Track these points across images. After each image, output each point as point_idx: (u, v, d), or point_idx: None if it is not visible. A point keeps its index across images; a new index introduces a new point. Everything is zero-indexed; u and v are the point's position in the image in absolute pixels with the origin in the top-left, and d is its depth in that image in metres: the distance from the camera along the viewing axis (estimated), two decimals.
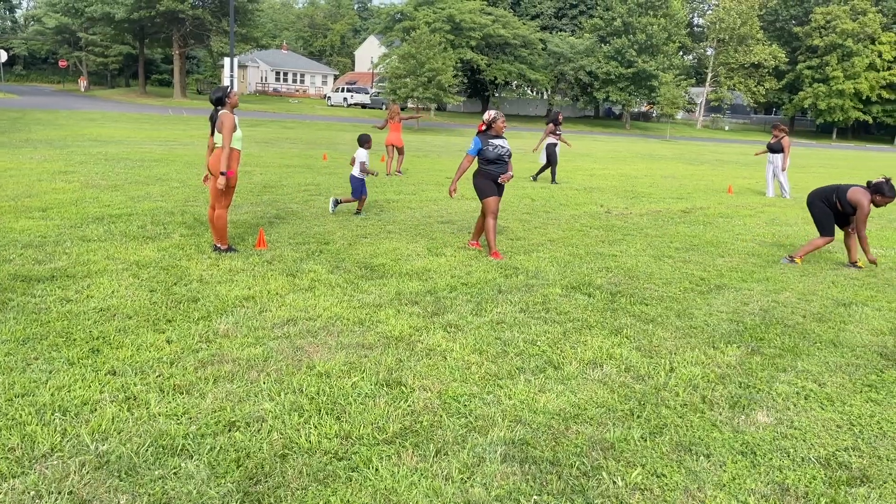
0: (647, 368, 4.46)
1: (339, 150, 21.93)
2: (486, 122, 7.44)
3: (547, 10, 65.38)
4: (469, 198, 12.14)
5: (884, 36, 61.88)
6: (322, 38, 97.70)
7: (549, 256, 7.64)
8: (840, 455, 3.43)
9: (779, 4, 69.09)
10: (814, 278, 7.31)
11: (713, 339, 5.10)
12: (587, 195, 13.53)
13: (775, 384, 4.28)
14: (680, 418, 3.76)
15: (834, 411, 3.94)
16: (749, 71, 66.74)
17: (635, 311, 5.71)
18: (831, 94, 62.44)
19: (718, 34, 65.57)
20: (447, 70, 41.67)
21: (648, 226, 10.19)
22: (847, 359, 4.82)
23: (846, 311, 6.07)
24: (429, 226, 9.15)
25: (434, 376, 4.14)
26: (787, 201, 14.43)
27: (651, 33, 55.63)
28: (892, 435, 3.67)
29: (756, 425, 3.72)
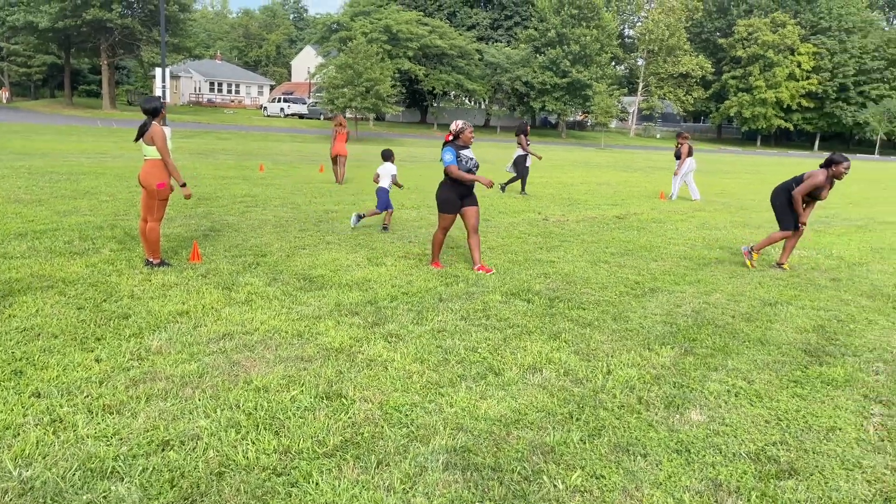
0: (586, 372, 4.53)
1: (276, 160, 21.64)
2: (453, 132, 7.11)
3: (483, 21, 66.13)
4: (409, 207, 12.14)
5: (802, 47, 64.83)
6: (257, 48, 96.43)
7: (489, 264, 7.69)
8: (769, 449, 3.55)
9: (704, 17, 71.64)
10: (742, 279, 7.57)
11: (648, 340, 5.22)
12: (525, 203, 13.70)
13: (707, 383, 4.41)
14: (617, 420, 3.83)
15: (762, 407, 4.08)
16: (678, 81, 68.92)
17: (573, 316, 5.80)
18: (755, 102, 65.00)
19: (648, 45, 67.54)
20: (385, 80, 41.65)
21: (585, 232, 10.38)
22: (774, 356, 5.00)
23: (772, 310, 6.31)
24: (369, 236, 9.10)
25: (375, 387, 4.11)
26: (694, 203, 14.97)
27: (584, 44, 56.87)
28: (817, 428, 3.83)
29: (690, 424, 3.82)
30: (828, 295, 7.01)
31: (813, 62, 65.39)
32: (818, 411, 4.05)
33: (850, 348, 5.26)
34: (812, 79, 65.40)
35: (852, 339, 5.49)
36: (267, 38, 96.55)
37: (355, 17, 54.74)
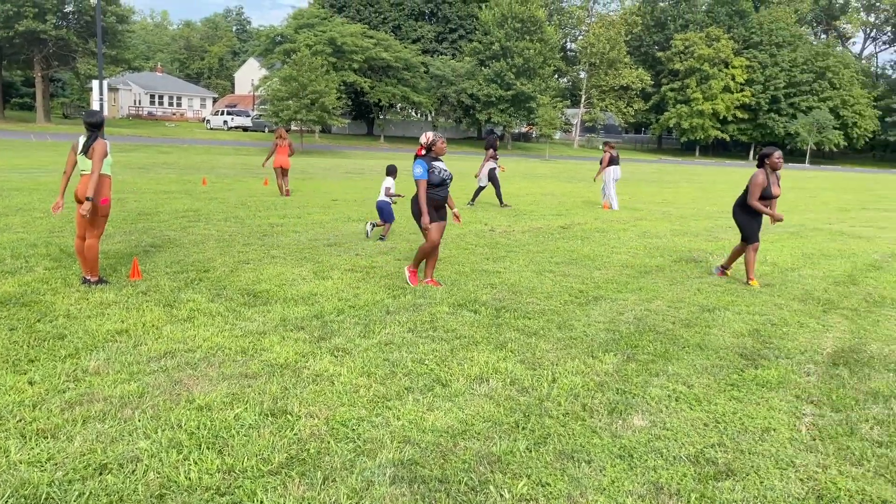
0: (531, 380, 4.58)
1: (219, 174, 21.30)
2: (425, 144, 6.91)
3: (428, 35, 66.48)
4: (356, 219, 12.10)
5: (735, 60, 67.10)
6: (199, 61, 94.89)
7: (436, 275, 7.72)
8: (707, 451, 3.65)
9: (643, 31, 73.54)
10: (682, 286, 7.77)
11: (592, 348, 5.32)
12: (472, 214, 13.79)
13: (649, 388, 4.52)
14: (562, 427, 3.89)
15: (701, 410, 4.19)
16: (619, 93, 70.49)
17: (519, 326, 5.86)
18: (693, 114, 66.92)
19: (590, 58, 68.95)
20: (330, 92, 41.49)
21: (530, 242, 10.51)
22: (712, 360, 5.15)
23: (710, 315, 6.50)
24: (315, 249, 9.04)
25: (321, 402, 4.08)
26: (575, 208, 15.54)
27: (528, 57, 57.71)
28: (753, 429, 3.95)
29: (632, 429, 3.90)
30: (762, 300, 7.26)
31: (746, 75, 67.71)
32: (754, 413, 4.18)
33: (783, 351, 5.46)
34: (746, 91, 67.72)
35: (785, 342, 5.70)
36: (209, 50, 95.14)
37: (299, 30, 54.37)
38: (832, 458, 3.63)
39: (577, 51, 74.73)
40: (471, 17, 65.57)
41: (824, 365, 5.17)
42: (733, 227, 13.54)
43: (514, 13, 58.41)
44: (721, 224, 13.97)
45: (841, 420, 4.13)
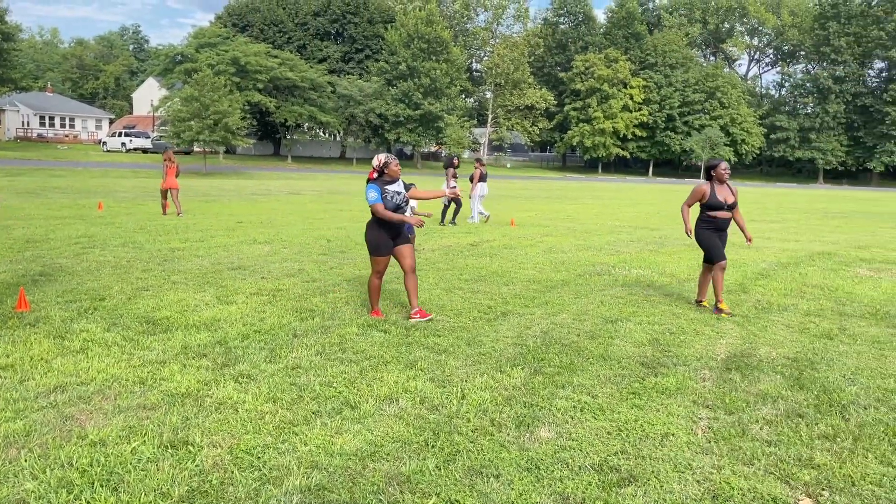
0: (441, 398, 4.59)
1: (116, 198, 20.43)
2: (377, 167, 6.54)
3: (334, 55, 66.31)
4: (261, 241, 11.85)
5: (633, 81, 70.18)
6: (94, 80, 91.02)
7: (346, 296, 7.65)
8: (611, 459, 3.76)
9: (545, 52, 75.89)
10: (586, 299, 8.00)
11: (500, 363, 5.39)
12: None
13: (555, 400, 4.61)
14: (471, 443, 3.91)
15: (605, 420, 4.32)
16: (524, 112, 72.35)
17: (429, 344, 5.88)
18: (595, 132, 69.42)
19: (495, 79, 70.51)
20: (234, 112, 40.65)
21: (440, 260, 10.57)
22: (615, 370, 5.32)
23: (613, 327, 6.71)
24: (218, 273, 8.78)
25: (225, 431, 3.95)
26: (483, 225, 16.06)
27: (435, 77, 58.47)
28: (654, 436, 4.10)
29: (540, 441, 3.97)
30: (661, 310, 7.56)
31: (643, 95, 70.87)
32: (654, 419, 4.34)
33: (680, 358, 5.69)
34: (643, 110, 70.83)
35: (682, 350, 5.95)
36: (104, 69, 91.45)
37: (200, 49, 53.13)
38: (726, 459, 3.81)
39: (482, 71, 76.31)
40: (377, 37, 65.91)
41: (718, 370, 5.43)
42: (635, 240, 14.07)
43: (419, 34, 59.14)
44: (623, 238, 14.49)
45: (734, 422, 4.34)
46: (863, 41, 69.64)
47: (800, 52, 79.58)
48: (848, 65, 70.03)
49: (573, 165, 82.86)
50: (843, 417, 4.48)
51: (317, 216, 17.27)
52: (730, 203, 7.56)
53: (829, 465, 3.77)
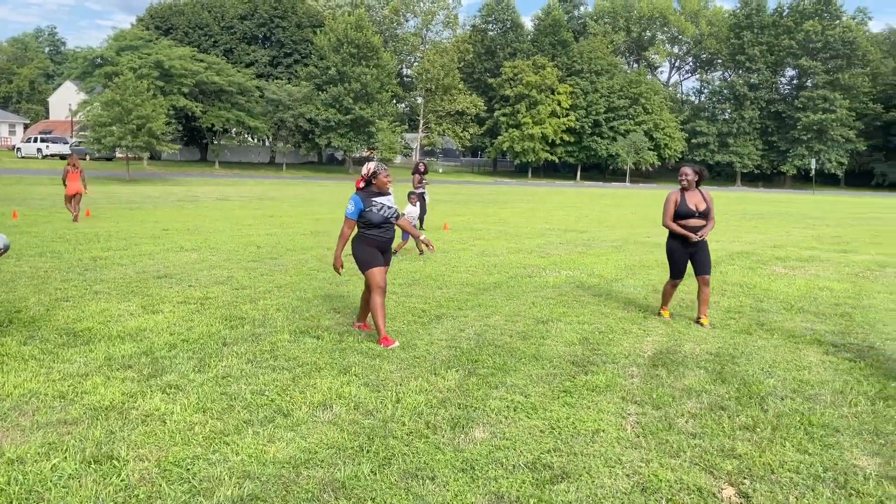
0: (376, 403, 4.58)
1: (32, 206, 19.53)
2: (365, 176, 6.07)
3: (262, 59, 65.20)
4: (188, 249, 11.54)
5: (560, 87, 71.52)
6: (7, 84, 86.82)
7: (277, 303, 7.54)
8: (544, 457, 3.82)
9: (475, 58, 76.54)
10: (518, 301, 8.11)
11: (435, 366, 5.41)
12: (314, 239, 13.61)
13: (489, 401, 4.66)
14: (406, 446, 3.91)
15: (538, 418, 4.39)
16: (455, 118, 72.79)
17: (363, 349, 5.85)
18: (524, 137, 70.39)
19: (426, 84, 70.75)
20: (158, 117, 39.49)
21: None
22: (547, 370, 5.41)
23: (545, 327, 6.83)
24: (143, 282, 8.51)
25: (152, 443, 3.84)
26: (475, 231, 15.96)
27: (365, 82, 58.22)
28: (585, 432, 4.19)
29: (474, 442, 4.01)
30: (591, 310, 7.74)
31: (570, 101, 72.30)
32: (585, 416, 4.44)
33: (609, 356, 5.84)
34: (571, 116, 72.24)
35: (611, 348, 6.10)
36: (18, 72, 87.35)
37: (122, 52, 51.37)
38: (654, 453, 3.93)
39: (413, 77, 76.46)
40: (306, 41, 65.18)
41: (645, 367, 5.59)
42: (564, 242, 14.35)
43: (349, 38, 58.81)
44: (553, 241, 14.75)
45: (661, 416, 4.48)
46: (775, 50, 72.95)
47: (717, 60, 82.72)
48: (762, 73, 73.20)
49: (504, 170, 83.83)
50: (762, 409, 4.68)
51: (246, 222, 16.93)
52: (701, 210, 7.11)
53: (750, 454, 3.94)
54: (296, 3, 67.45)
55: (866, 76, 70.51)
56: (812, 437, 4.19)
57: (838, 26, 70.33)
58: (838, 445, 4.08)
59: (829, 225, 21.73)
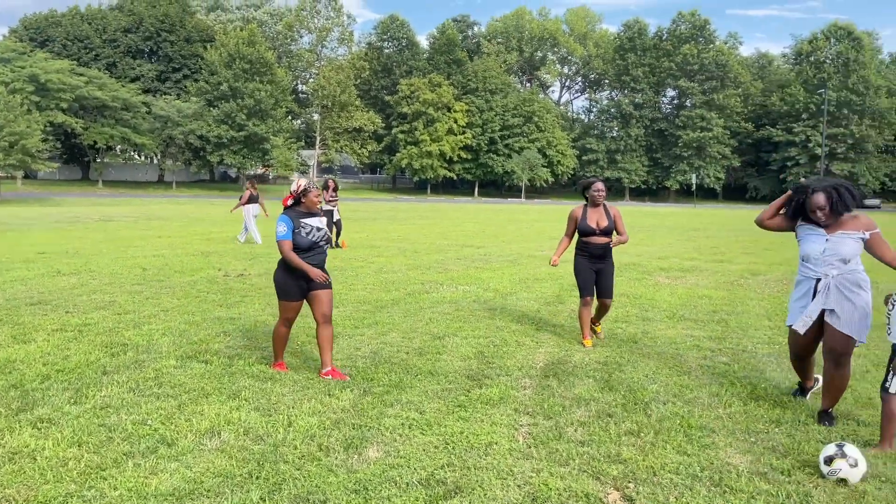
0: (266, 427, 4.45)
1: None
2: (294, 193, 5.53)
3: (148, 73, 62.82)
4: (67, 273, 10.89)
5: (456, 105, 72.72)
6: None
7: (163, 328, 7.22)
8: (438, 473, 3.83)
9: (371, 75, 76.72)
10: (415, 318, 8.13)
11: (329, 386, 5.32)
12: (204, 259, 13.16)
13: (384, 419, 4.63)
14: (298, 470, 3.82)
15: (432, 434, 4.39)
16: (353, 135, 72.58)
17: (254, 372, 5.68)
18: (422, 154, 71.01)
19: (322, 101, 70.22)
20: (34, 134, 37.22)
21: (267, 285, 10.28)
22: (442, 385, 5.44)
23: (441, 342, 6.87)
24: (14, 309, 7.95)
25: (20, 482, 3.57)
26: (374, 248, 15.96)
27: (259, 98, 57.15)
28: (478, 445, 4.23)
29: (368, 461, 3.96)
30: (486, 324, 7.85)
31: (467, 118, 73.61)
32: (478, 430, 4.48)
33: (503, 369, 5.94)
34: (467, 133, 73.53)
35: (505, 361, 6.21)
36: None
37: None
38: (544, 462, 4.02)
39: (308, 93, 75.68)
40: (195, 56, 63.36)
41: (538, 378, 5.72)
42: (462, 258, 14.52)
43: (241, 54, 57.64)
44: (450, 256, 14.90)
45: (551, 426, 4.59)
46: (656, 71, 77.03)
47: (604, 80, 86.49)
48: (645, 93, 77.07)
49: (403, 187, 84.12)
50: (646, 414, 4.88)
51: (131, 243, 16.16)
52: (602, 227, 6.77)
53: (634, 458, 4.09)
54: (184, 17, 65.55)
55: (738, 97, 75.54)
56: (691, 439, 4.40)
57: (712, 50, 75.09)
58: (714, 445, 4.31)
59: (708, 236, 23.04)
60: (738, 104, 75.00)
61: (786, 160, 72.02)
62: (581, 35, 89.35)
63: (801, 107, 71.17)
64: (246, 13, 77.25)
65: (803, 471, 3.96)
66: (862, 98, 69.61)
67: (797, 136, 70.51)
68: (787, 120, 72.18)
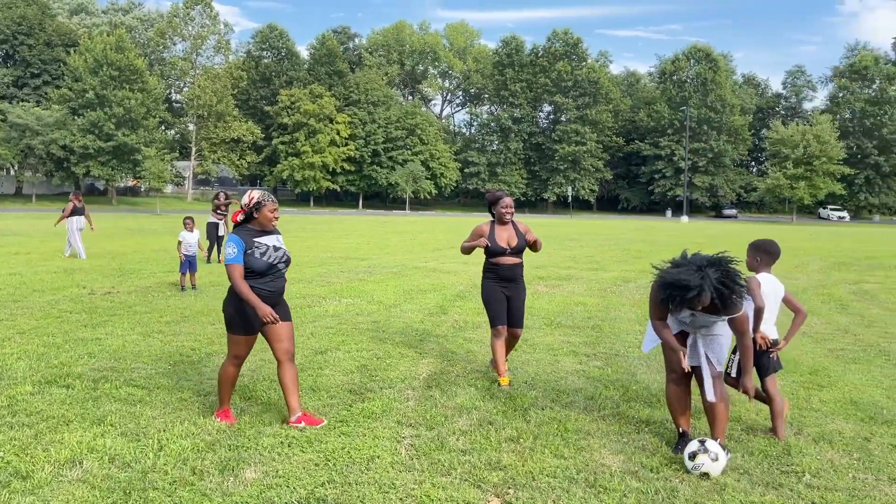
0: (134, 453, 4.21)
1: None
2: (245, 207, 4.75)
3: (4, 79, 58.32)
4: None
5: (339, 116, 72.12)
6: None
7: (19, 351, 6.68)
8: (318, 491, 3.75)
9: (250, 85, 74.74)
10: (297, 332, 7.89)
11: (203, 407, 5.10)
12: (68, 277, 12.31)
13: (262, 438, 4.49)
14: (169, 497, 3.63)
15: (313, 451, 4.30)
16: (231, 145, 70.35)
17: (122, 395, 5.36)
18: (304, 166, 69.85)
19: (197, 110, 67.68)
20: None
21: (138, 303, 9.76)
22: (324, 400, 5.34)
23: (323, 357, 6.76)
24: None
25: None
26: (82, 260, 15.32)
27: (129, 107, 54.39)
28: (360, 460, 4.18)
29: (245, 483, 3.82)
30: (369, 336, 7.80)
31: (349, 130, 73.14)
32: (360, 444, 4.43)
33: (386, 381, 5.91)
34: (350, 145, 73.03)
35: (388, 373, 6.19)
36: None
37: None
38: (426, 473, 4.02)
39: (183, 102, 72.75)
40: (57, 61, 59.47)
41: (420, 389, 5.73)
42: (345, 270, 14.37)
43: (109, 60, 54.68)
44: (334, 269, 14.71)
45: (434, 437, 4.61)
46: (533, 87, 79.65)
47: (484, 94, 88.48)
48: (523, 107, 79.49)
49: (285, 199, 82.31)
50: (525, 420, 5.00)
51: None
52: (514, 247, 6.02)
53: (514, 464, 4.18)
54: (44, 19, 61.44)
55: (609, 112, 79.37)
56: (567, 443, 4.55)
57: (584, 67, 78.55)
58: (589, 448, 4.48)
59: (583, 246, 24.02)
60: (609, 119, 78.75)
61: (654, 173, 76.29)
62: (461, 50, 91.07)
63: (667, 123, 75.74)
64: (113, 17, 73.38)
65: (671, 467, 4.18)
66: (719, 115, 74.95)
67: (663, 150, 74.87)
68: (654, 135, 76.57)
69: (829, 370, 6.62)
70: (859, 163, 72.86)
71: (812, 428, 4.92)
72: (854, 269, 16.67)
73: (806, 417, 5.16)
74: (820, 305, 10.81)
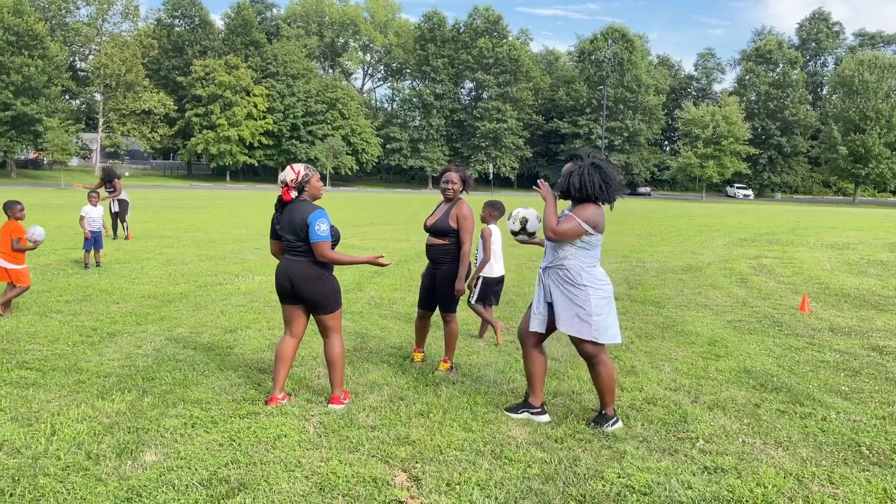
0: (25, 438, 4.01)
1: None
2: (293, 182, 4.58)
3: None
4: None
5: (256, 89, 70.19)
6: None
7: None
8: (221, 471, 3.67)
9: (161, 54, 71.70)
10: (205, 311, 7.74)
11: (103, 390, 4.90)
12: None
13: (164, 420, 4.35)
14: (60, 483, 3.48)
15: (217, 432, 4.20)
16: (141, 117, 67.52)
17: (13, 378, 5.09)
18: (220, 140, 67.78)
19: (104, 80, 64.50)
20: None
21: (36, 281, 9.25)
22: (232, 380, 5.22)
23: (233, 336, 6.60)
24: None
25: None
26: (162, 240, 15.03)
27: (28, 75, 51.30)
28: (266, 440, 4.11)
29: (143, 466, 3.70)
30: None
31: (267, 103, 71.29)
32: (267, 424, 4.36)
33: (297, 359, 5.81)
34: (268, 118, 71.26)
35: (300, 351, 6.07)
36: None
37: None
38: (334, 451, 4.00)
39: (89, 71, 69.12)
40: None
41: None
42: (260, 247, 14.05)
43: (6, 24, 51.29)
44: (248, 246, 14.37)
45: (343, 413, 4.58)
46: (455, 63, 79.59)
47: (406, 69, 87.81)
48: (445, 84, 79.37)
49: (200, 174, 79.71)
50: (436, 394, 5.03)
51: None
52: (429, 227, 5.66)
53: (423, 439, 4.20)
54: None
55: (530, 90, 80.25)
56: (476, 416, 4.61)
57: (506, 45, 78.95)
58: (497, 420, 4.55)
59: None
60: (529, 97, 79.61)
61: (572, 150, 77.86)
62: (382, 23, 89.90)
63: (585, 102, 77.20)
64: None
65: (574, 437, 4.30)
66: (635, 95, 76.93)
67: (581, 129, 76.36)
68: (573, 114, 77.94)
69: (727, 341, 6.95)
70: (763, 143, 76.44)
71: (708, 396, 5.16)
72: (755, 245, 17.51)
73: (703, 386, 5.40)
74: (722, 279, 11.31)
